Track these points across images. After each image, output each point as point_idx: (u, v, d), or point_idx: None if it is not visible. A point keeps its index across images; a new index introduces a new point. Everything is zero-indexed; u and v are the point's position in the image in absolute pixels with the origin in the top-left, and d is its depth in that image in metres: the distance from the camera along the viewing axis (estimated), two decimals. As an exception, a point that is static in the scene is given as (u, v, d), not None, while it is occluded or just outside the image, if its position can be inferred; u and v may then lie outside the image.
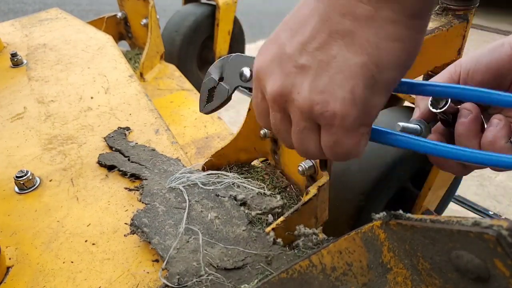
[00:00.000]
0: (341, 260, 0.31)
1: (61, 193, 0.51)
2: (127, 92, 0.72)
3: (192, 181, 0.48)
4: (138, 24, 1.21)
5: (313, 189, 0.48)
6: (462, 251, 0.25)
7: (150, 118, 0.65)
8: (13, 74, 0.79)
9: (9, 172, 0.54)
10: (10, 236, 0.45)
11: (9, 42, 0.93)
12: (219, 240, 0.40)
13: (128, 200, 0.49)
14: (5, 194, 0.51)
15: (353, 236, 0.32)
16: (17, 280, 0.40)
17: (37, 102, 0.70)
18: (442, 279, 0.28)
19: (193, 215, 0.43)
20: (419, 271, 0.30)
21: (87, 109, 0.68)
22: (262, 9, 3.91)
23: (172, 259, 0.38)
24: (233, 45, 1.53)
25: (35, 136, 0.61)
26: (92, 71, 0.79)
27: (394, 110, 0.76)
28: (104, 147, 0.58)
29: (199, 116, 0.89)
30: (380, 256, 0.32)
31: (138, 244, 0.43)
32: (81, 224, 0.46)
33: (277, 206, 0.45)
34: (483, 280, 0.24)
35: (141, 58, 1.08)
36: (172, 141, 0.59)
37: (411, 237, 0.29)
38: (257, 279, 0.36)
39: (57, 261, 0.42)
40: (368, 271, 0.31)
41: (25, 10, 3.27)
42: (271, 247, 0.39)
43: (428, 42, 0.60)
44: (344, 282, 0.31)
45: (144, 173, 0.51)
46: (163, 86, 1.04)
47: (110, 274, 0.40)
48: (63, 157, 0.57)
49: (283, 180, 0.61)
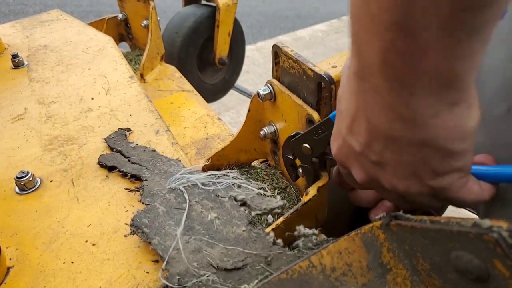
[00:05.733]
0: (341, 261, 0.32)
1: (62, 194, 0.51)
2: (128, 93, 0.73)
3: (192, 181, 0.48)
4: (139, 26, 1.21)
5: (312, 189, 0.48)
6: (462, 252, 0.25)
7: (150, 119, 0.65)
8: (14, 75, 0.80)
9: (10, 172, 0.54)
10: (11, 236, 0.45)
11: (10, 44, 0.93)
12: (219, 240, 0.40)
13: (129, 200, 0.49)
14: (5, 195, 0.51)
15: (352, 236, 0.32)
16: (18, 281, 0.40)
17: (38, 103, 0.70)
18: (442, 280, 0.28)
19: (193, 216, 0.43)
20: (418, 271, 0.30)
21: (88, 110, 0.68)
22: (262, 10, 3.91)
23: (172, 260, 0.38)
24: (233, 46, 1.53)
25: (35, 137, 0.62)
26: (92, 72, 0.79)
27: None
28: (105, 148, 0.59)
29: (199, 117, 0.89)
30: (380, 256, 0.32)
31: (138, 244, 0.43)
32: (82, 225, 0.46)
33: (277, 207, 0.45)
34: (483, 280, 0.24)
35: (142, 59, 1.08)
36: (173, 142, 0.60)
37: (411, 238, 0.29)
38: (257, 279, 0.36)
39: (57, 262, 0.42)
40: (368, 271, 0.31)
41: (26, 11, 3.28)
42: (271, 247, 0.39)
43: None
44: (343, 283, 0.31)
45: (145, 173, 0.51)
46: (164, 87, 1.04)
47: (110, 274, 0.40)
48: (64, 158, 0.57)
49: (283, 180, 0.61)
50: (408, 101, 0.25)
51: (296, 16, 3.87)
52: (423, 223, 0.28)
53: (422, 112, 0.25)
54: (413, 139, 0.27)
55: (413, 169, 0.29)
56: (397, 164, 0.29)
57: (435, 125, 0.26)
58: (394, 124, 0.27)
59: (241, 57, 1.66)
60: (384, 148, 0.29)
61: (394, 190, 0.31)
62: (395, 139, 0.28)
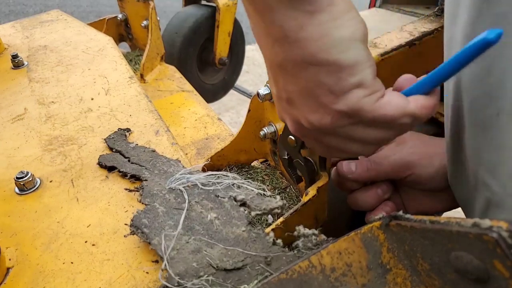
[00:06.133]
0: (341, 261, 0.31)
1: (61, 194, 0.51)
2: (128, 93, 0.73)
3: (192, 182, 0.48)
4: (139, 26, 1.21)
5: (312, 190, 0.48)
6: (462, 252, 0.25)
7: (150, 119, 0.65)
8: (14, 76, 0.80)
9: (10, 173, 0.54)
10: (10, 237, 0.45)
11: (10, 44, 0.93)
12: (219, 240, 0.40)
13: (128, 201, 0.49)
14: (5, 195, 0.51)
15: (352, 236, 0.32)
16: (17, 281, 0.40)
17: (38, 103, 0.70)
18: (442, 280, 0.28)
19: (193, 216, 0.43)
20: (418, 271, 0.30)
21: (88, 110, 0.68)
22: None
23: (171, 260, 0.38)
24: (233, 46, 1.53)
25: (35, 137, 0.62)
26: (92, 73, 0.79)
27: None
28: (104, 148, 0.59)
29: (199, 117, 0.89)
30: (380, 256, 0.32)
31: (138, 244, 0.43)
32: (81, 225, 0.46)
33: (277, 207, 0.45)
34: (483, 281, 0.24)
35: (142, 59, 1.08)
36: (172, 142, 0.60)
37: (411, 238, 0.29)
38: (256, 279, 0.36)
39: (57, 262, 0.42)
40: (368, 271, 0.31)
41: (26, 11, 3.28)
42: (270, 247, 0.39)
43: (427, 43, 0.60)
44: (343, 283, 0.31)
45: (144, 174, 0.51)
46: (163, 88, 1.04)
47: (110, 275, 0.40)
48: (64, 158, 0.57)
49: (283, 181, 0.61)
50: (273, 18, 0.27)
51: (296, 16, 3.85)
52: (423, 223, 0.28)
53: (288, 27, 0.27)
54: (295, 60, 0.28)
55: (314, 96, 0.30)
56: (299, 95, 0.31)
57: (304, 39, 0.27)
58: (274, 48, 0.29)
59: (241, 57, 1.66)
60: (284, 81, 0.31)
61: (314, 129, 0.32)
62: (283, 66, 0.30)
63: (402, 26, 0.62)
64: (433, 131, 0.70)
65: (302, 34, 0.27)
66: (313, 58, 0.28)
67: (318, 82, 0.29)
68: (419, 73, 0.62)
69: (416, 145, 0.48)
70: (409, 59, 0.60)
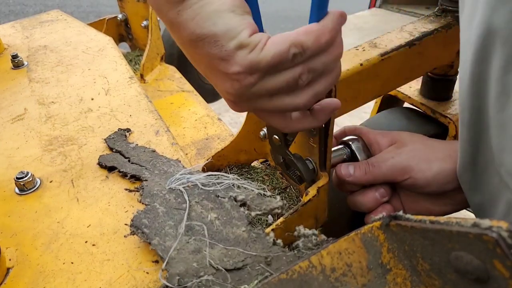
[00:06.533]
0: (341, 261, 0.31)
1: (62, 194, 0.51)
2: (128, 93, 0.73)
3: (192, 182, 0.48)
4: (139, 26, 1.21)
5: (312, 190, 0.48)
6: (462, 252, 0.25)
7: (150, 120, 0.65)
8: (14, 76, 0.80)
9: (10, 173, 0.54)
10: (10, 237, 0.45)
11: (10, 44, 0.93)
12: (219, 241, 0.40)
13: (128, 201, 0.49)
14: (5, 195, 0.51)
15: (352, 237, 0.32)
16: (17, 281, 0.40)
17: (38, 103, 0.70)
18: (442, 280, 0.28)
19: (193, 216, 0.43)
20: (418, 271, 0.30)
21: (88, 111, 0.68)
22: (262, 10, 3.90)
23: (172, 260, 0.38)
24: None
25: (35, 137, 0.62)
26: (92, 73, 0.79)
27: (393, 112, 0.76)
28: (105, 148, 0.59)
29: (199, 117, 0.89)
30: (380, 257, 0.32)
31: (138, 245, 0.43)
32: (81, 225, 0.46)
33: (277, 207, 0.45)
34: (483, 281, 0.24)
35: (142, 59, 1.08)
36: (172, 142, 0.60)
37: (411, 238, 0.29)
38: (257, 279, 0.36)
39: (57, 262, 0.42)
40: (368, 271, 0.31)
41: (26, 11, 3.28)
42: (270, 248, 0.39)
43: (427, 43, 0.60)
44: (343, 283, 0.31)
45: (144, 174, 0.51)
46: (164, 88, 1.04)
47: (110, 275, 0.40)
48: (64, 158, 0.57)
49: (283, 181, 0.61)
50: (162, 13, 0.32)
51: (297, 17, 3.87)
52: (423, 224, 0.28)
53: (171, 15, 0.32)
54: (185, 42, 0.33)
55: (214, 68, 0.33)
56: (206, 71, 0.34)
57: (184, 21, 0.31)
58: (174, 37, 0.34)
59: (241, 58, 1.66)
60: (193, 63, 0.35)
61: (237, 97, 0.34)
62: (185, 50, 0.34)
63: (402, 26, 0.62)
64: (433, 131, 0.70)
65: (180, 19, 0.31)
66: (194, 35, 0.31)
67: (209, 55, 0.32)
68: (418, 74, 0.62)
69: (416, 148, 0.47)
70: (409, 59, 0.60)
